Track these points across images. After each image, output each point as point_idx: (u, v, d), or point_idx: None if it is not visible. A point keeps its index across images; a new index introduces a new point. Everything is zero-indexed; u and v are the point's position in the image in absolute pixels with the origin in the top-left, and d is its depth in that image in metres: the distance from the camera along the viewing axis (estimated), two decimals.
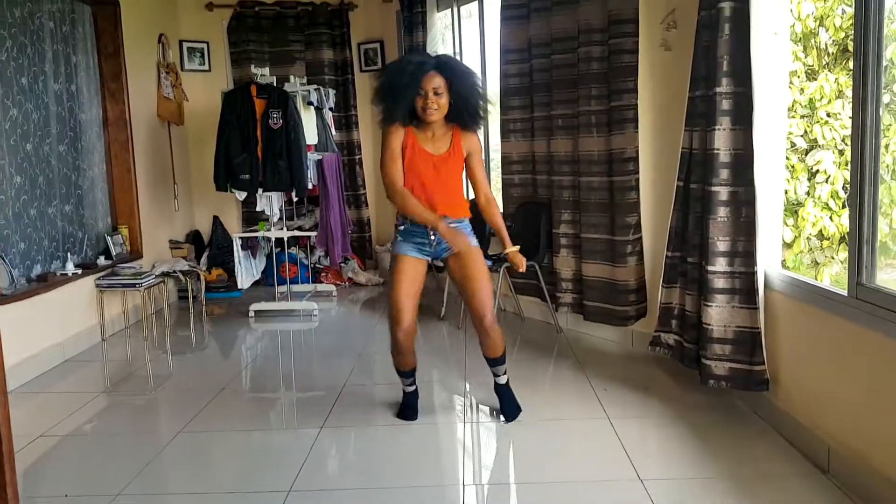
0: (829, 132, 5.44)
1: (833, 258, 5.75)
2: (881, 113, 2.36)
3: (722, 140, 3.11)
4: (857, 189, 2.47)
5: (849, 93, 5.54)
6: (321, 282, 6.61)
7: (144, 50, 5.98)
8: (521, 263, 3.19)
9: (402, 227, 3.18)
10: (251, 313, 5.56)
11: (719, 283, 3.15)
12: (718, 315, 3.16)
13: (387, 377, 3.67)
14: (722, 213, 3.13)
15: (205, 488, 2.75)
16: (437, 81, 2.96)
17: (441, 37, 6.17)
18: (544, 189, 4.78)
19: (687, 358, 3.49)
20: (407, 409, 3.33)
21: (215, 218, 6.79)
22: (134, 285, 4.97)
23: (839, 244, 5.61)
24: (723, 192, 3.13)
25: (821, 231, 5.27)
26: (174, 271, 5.72)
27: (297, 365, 4.48)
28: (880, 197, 2.41)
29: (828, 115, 5.43)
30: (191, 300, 5.79)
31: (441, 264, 3.31)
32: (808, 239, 5.09)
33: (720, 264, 3.15)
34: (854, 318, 2.46)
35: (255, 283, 6.15)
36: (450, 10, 6.04)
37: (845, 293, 2.53)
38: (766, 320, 3.07)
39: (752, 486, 2.60)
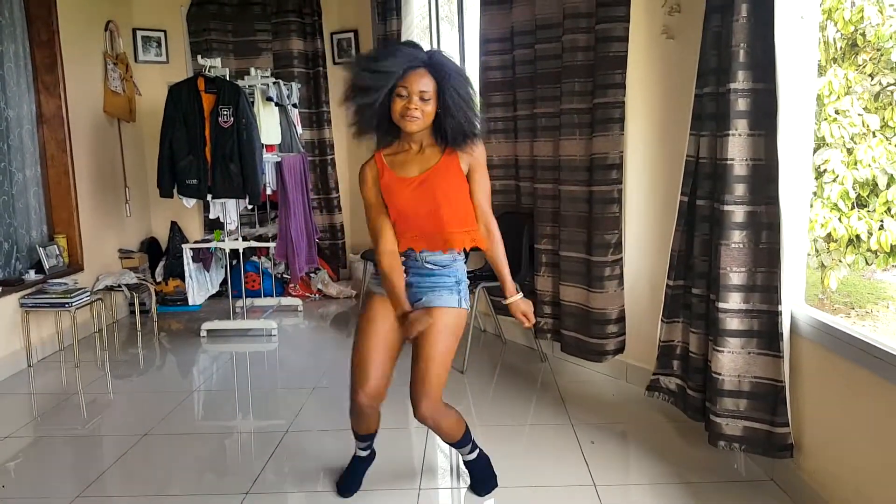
0: (838, 130, 4.96)
1: (841, 261, 5.26)
2: None
3: (737, 148, 2.53)
4: None
5: (858, 89, 5.06)
6: (288, 294, 6.04)
7: (87, 38, 5.38)
8: (526, 318, 2.47)
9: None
10: (203, 333, 4.98)
11: (733, 323, 2.57)
12: (731, 363, 2.58)
13: (341, 422, 3.11)
14: (737, 237, 2.55)
15: None
16: (425, 83, 2.23)
17: (416, 26, 5.58)
18: (527, 198, 4.20)
19: (691, 407, 2.91)
20: (348, 477, 2.70)
21: (173, 224, 6.20)
22: (63, 305, 4.38)
23: (847, 247, 5.13)
24: (738, 213, 2.54)
25: (829, 233, 4.81)
26: (119, 285, 5.14)
27: (241, 400, 3.89)
28: None
29: (836, 111, 4.94)
30: (138, 316, 5.20)
31: None
32: (815, 241, 4.68)
33: (734, 301, 2.56)
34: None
35: (218, 295, 5.58)
36: None
37: (885, 348, 1.95)
38: (791, 371, 2.49)
39: None
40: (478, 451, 2.65)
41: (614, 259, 3.53)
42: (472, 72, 4.79)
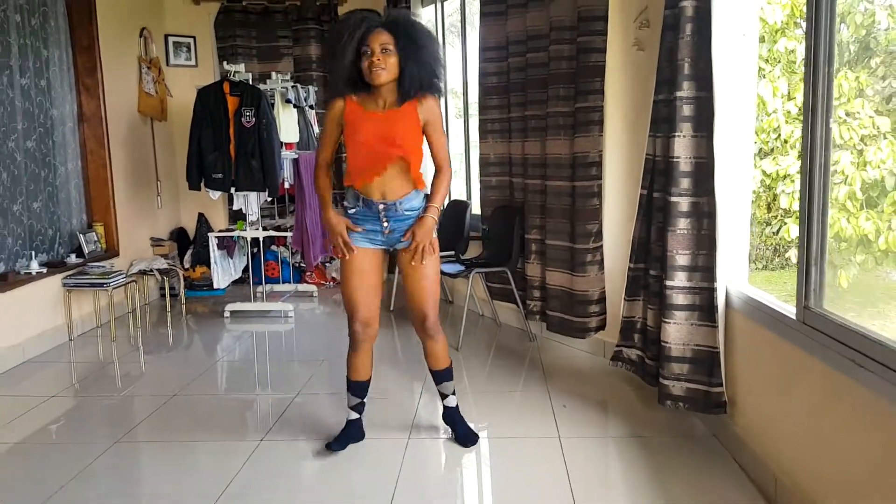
0: (848, 132, 5.20)
1: (850, 260, 5.52)
2: (831, 126, 2.17)
3: (682, 147, 2.94)
4: (806, 209, 2.29)
5: (869, 91, 5.28)
6: (305, 281, 6.51)
7: (123, 44, 5.89)
8: (413, 236, 2.82)
9: (351, 211, 2.85)
10: (227, 313, 5.47)
11: (678, 298, 2.98)
12: (677, 332, 2.99)
13: (341, 385, 3.55)
14: (682, 224, 2.96)
15: (130, 501, 2.65)
16: (384, 38, 2.61)
17: None
18: (519, 192, 4.62)
19: (648, 375, 3.32)
20: (340, 437, 3.06)
21: (200, 215, 6.70)
22: (101, 285, 4.88)
23: (857, 247, 5.38)
24: (683, 203, 2.96)
25: (837, 233, 5.06)
26: (151, 270, 5.64)
27: (260, 369, 4.35)
28: (830, 215, 2.22)
29: (846, 114, 5.18)
30: (168, 299, 5.70)
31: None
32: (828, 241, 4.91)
33: (679, 279, 2.97)
34: (802, 344, 2.29)
35: (241, 281, 6.07)
36: (433, 5, 5.88)
37: (794, 316, 2.35)
38: (726, 340, 2.90)
39: None
40: (456, 399, 3.09)
41: (595, 246, 3.95)
42: (473, 77, 5.24)
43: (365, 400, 3.10)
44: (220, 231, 5.68)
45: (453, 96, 5.94)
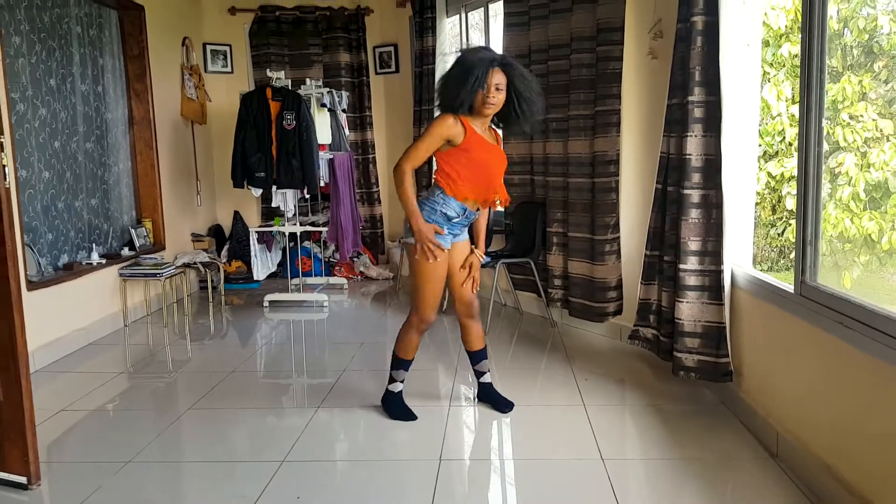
0: (852, 135, 5.45)
1: (855, 261, 5.76)
2: (823, 122, 2.55)
3: (694, 146, 3.32)
4: (802, 195, 2.66)
5: (872, 95, 5.49)
6: (334, 275, 6.90)
7: (168, 52, 6.30)
8: (474, 283, 3.31)
9: (455, 220, 3.18)
10: (266, 303, 5.86)
11: (690, 280, 3.35)
12: (689, 310, 3.36)
13: (382, 364, 3.94)
14: (694, 214, 3.34)
15: (209, 457, 3.03)
16: (499, 77, 2.96)
17: (449, 42, 6.41)
18: (541, 189, 5.00)
19: (662, 351, 3.69)
20: (403, 407, 3.45)
21: (236, 213, 7.10)
22: (155, 275, 5.28)
23: (861, 247, 5.61)
24: (695, 195, 3.33)
25: (841, 233, 5.32)
26: (195, 263, 6.03)
27: (305, 352, 4.75)
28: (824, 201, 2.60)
29: (850, 117, 5.44)
30: (210, 290, 6.10)
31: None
32: (830, 241, 5.03)
33: (691, 262, 3.35)
34: (800, 314, 2.66)
35: (273, 275, 6.48)
36: (458, 16, 6.27)
37: (792, 290, 2.73)
38: (732, 316, 3.28)
39: (708, 468, 2.81)
40: (490, 376, 3.49)
41: (612, 237, 4.33)
42: None
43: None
44: (260, 226, 6.08)
45: None
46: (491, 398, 3.50)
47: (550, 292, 4.88)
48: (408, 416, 3.39)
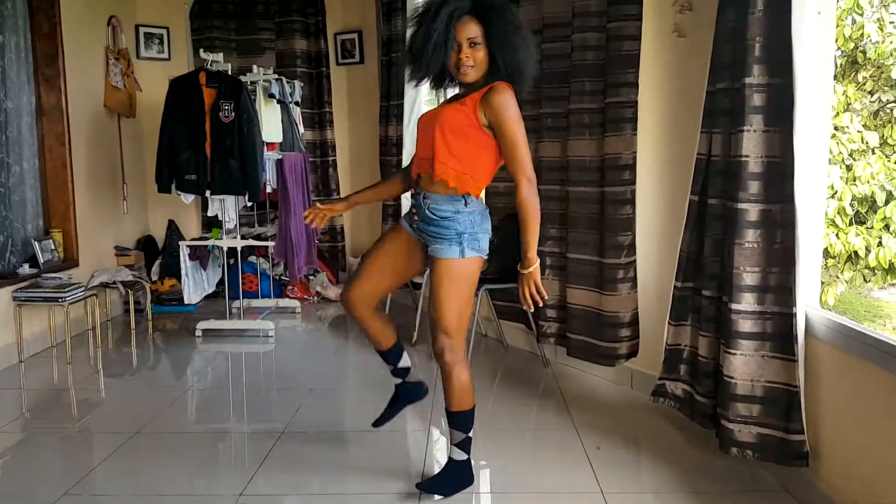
0: (837, 146, 4.93)
1: (838, 278, 5.21)
2: None
3: (752, 144, 2.46)
4: None
5: (857, 106, 5.04)
6: (286, 296, 5.96)
7: (89, 32, 5.32)
8: (526, 298, 2.39)
9: (409, 202, 2.64)
10: (198, 332, 4.90)
11: (746, 325, 2.49)
12: (744, 366, 2.50)
13: (333, 422, 3.03)
14: (751, 236, 2.48)
15: None
16: (471, 29, 2.29)
17: None
18: None
19: (699, 414, 2.83)
20: (386, 409, 2.83)
21: (170, 222, 6.13)
22: (56, 299, 4.29)
23: (845, 263, 5.08)
24: (752, 211, 2.47)
25: (826, 249, 4.78)
26: (114, 282, 5.06)
27: (236, 400, 3.79)
28: None
29: (835, 128, 4.92)
30: (132, 314, 5.11)
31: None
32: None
33: (747, 302, 2.49)
34: None
35: (214, 295, 5.50)
36: None
37: None
38: (807, 375, 2.41)
39: None
40: (468, 458, 2.55)
41: (628, 261, 3.45)
42: None
43: (401, 364, 2.79)
44: (193, 239, 5.12)
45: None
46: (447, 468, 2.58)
47: (542, 325, 4.00)
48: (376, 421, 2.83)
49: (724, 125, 2.63)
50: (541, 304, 2.40)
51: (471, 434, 2.52)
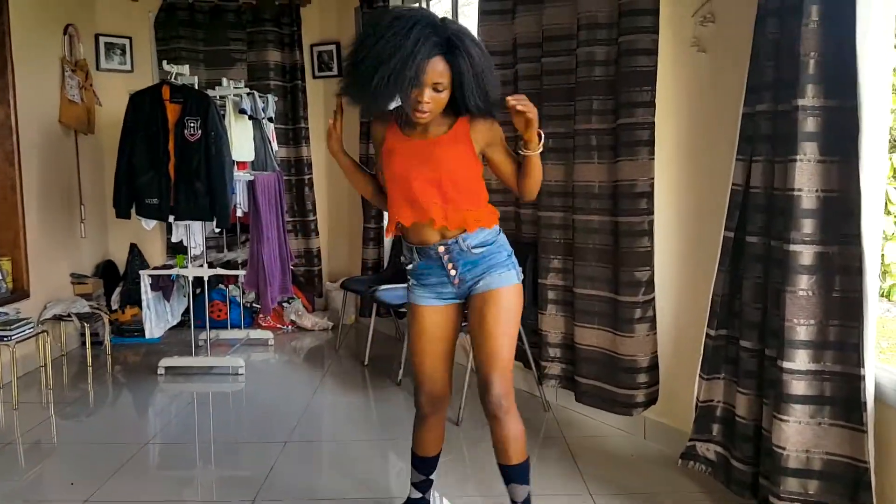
0: None
1: None
2: None
3: (806, 176, 2.12)
4: None
5: None
6: (258, 325, 5.53)
7: (43, 42, 4.88)
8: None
9: (409, 267, 2.27)
10: (161, 370, 4.45)
11: (800, 387, 2.14)
12: (798, 435, 2.15)
13: (319, 484, 2.62)
14: (804, 283, 2.13)
15: None
16: (439, 71, 1.94)
17: None
18: (529, 226, 3.76)
19: (736, 482, 2.47)
20: None
21: (133, 246, 5.68)
22: (1, 338, 3.84)
23: None
24: (806, 254, 2.13)
25: None
26: (68, 315, 4.61)
27: (202, 456, 3.37)
28: None
29: None
30: (89, 349, 4.65)
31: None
32: None
33: (801, 360, 2.14)
34: None
35: (181, 324, 5.04)
36: (418, 4, 5.03)
37: None
38: (878, 449, 2.07)
39: None
40: None
41: (646, 299, 3.09)
42: None
43: (433, 477, 2.51)
44: (155, 268, 4.68)
45: None
46: None
47: (544, 365, 3.63)
48: None
49: (766, 152, 2.29)
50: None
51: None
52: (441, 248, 2.14)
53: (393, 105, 2.08)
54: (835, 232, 2.09)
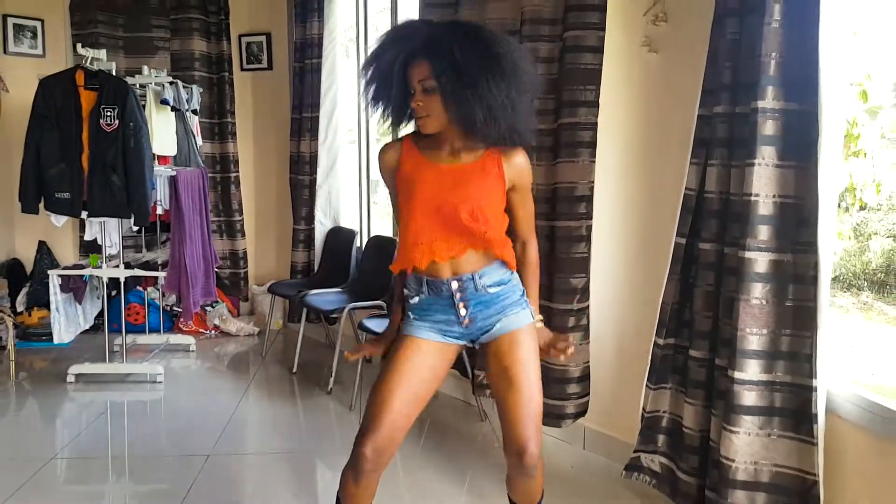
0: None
1: None
2: None
3: (763, 181, 2.06)
4: None
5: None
6: (178, 330, 5.24)
7: None
8: (563, 348, 2.00)
9: (413, 301, 1.97)
10: (70, 378, 4.14)
11: (750, 397, 2.08)
12: (747, 446, 2.08)
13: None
14: (758, 291, 2.06)
15: None
16: (422, 70, 1.80)
17: (343, 28, 5.01)
18: None
19: (681, 494, 2.39)
20: None
21: (41, 243, 5.32)
22: None
23: None
24: (761, 261, 2.06)
25: None
26: None
27: (113, 471, 3.11)
28: None
29: None
30: None
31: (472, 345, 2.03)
32: None
33: (752, 370, 2.07)
34: None
35: (94, 328, 4.71)
36: None
37: None
38: (828, 462, 2.01)
39: None
40: None
41: (580, 307, 3.00)
42: None
43: None
44: (66, 267, 4.36)
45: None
46: None
47: (479, 374, 3.50)
48: None
49: (722, 156, 2.22)
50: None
51: None
52: (455, 284, 1.91)
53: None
54: (790, 239, 2.04)
